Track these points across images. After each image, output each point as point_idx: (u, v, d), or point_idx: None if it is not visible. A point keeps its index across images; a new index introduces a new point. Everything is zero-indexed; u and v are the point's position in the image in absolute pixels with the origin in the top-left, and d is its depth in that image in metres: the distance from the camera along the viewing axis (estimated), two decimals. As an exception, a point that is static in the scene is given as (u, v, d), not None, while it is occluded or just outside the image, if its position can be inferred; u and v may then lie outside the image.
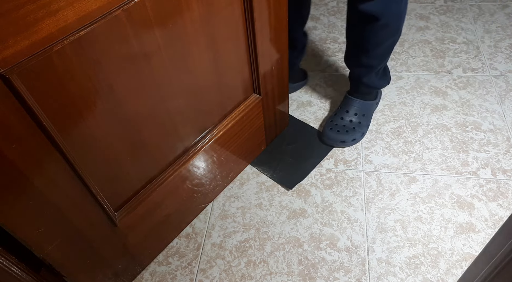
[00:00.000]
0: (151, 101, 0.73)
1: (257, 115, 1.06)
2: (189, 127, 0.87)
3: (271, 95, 1.06)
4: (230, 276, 0.96)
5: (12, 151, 0.55)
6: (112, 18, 0.57)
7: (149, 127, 0.76)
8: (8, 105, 0.52)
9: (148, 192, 0.85)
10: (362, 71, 1.11)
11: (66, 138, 0.61)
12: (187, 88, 0.79)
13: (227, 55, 0.84)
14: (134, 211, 0.84)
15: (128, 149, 0.75)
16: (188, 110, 0.83)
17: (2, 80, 0.50)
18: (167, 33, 0.67)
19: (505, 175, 1.07)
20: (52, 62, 0.54)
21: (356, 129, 1.16)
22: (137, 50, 0.64)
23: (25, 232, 0.63)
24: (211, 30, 0.76)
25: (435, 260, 0.94)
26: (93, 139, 0.67)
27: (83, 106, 0.62)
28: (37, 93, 0.54)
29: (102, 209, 0.76)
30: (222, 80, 0.87)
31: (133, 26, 0.61)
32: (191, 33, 0.72)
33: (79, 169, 0.66)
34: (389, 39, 1.01)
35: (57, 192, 0.64)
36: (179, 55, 0.72)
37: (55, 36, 0.53)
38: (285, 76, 1.07)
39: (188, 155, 0.91)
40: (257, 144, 1.15)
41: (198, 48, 0.76)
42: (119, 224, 0.82)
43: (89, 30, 0.56)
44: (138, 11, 0.61)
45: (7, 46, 0.49)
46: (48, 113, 0.57)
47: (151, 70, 0.69)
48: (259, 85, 0.99)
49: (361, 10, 0.92)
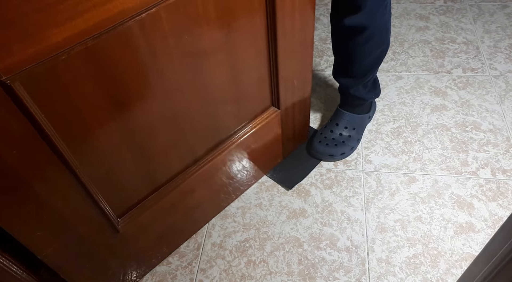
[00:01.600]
0: (161, 112, 0.71)
1: (275, 128, 1.02)
2: (201, 138, 0.85)
3: (291, 109, 1.02)
4: (230, 276, 0.96)
5: (12, 156, 0.54)
6: (123, 29, 0.56)
7: (159, 138, 0.74)
8: (9, 112, 0.51)
9: (154, 200, 0.84)
10: (350, 83, 1.08)
11: (69, 147, 0.61)
12: (201, 101, 0.77)
13: (246, 68, 0.81)
14: (138, 218, 0.82)
15: (135, 158, 0.73)
16: (200, 121, 0.81)
17: (4, 88, 0.49)
18: (183, 44, 0.65)
19: (505, 174, 1.07)
20: (58, 71, 0.53)
21: (346, 143, 1.13)
22: (149, 62, 0.62)
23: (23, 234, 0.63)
24: (230, 43, 0.73)
25: (435, 260, 0.94)
26: (98, 149, 0.65)
27: (89, 116, 0.61)
28: (41, 101, 0.53)
29: (104, 215, 0.75)
30: (239, 93, 0.84)
31: (146, 38, 0.59)
32: (208, 45, 0.69)
33: (81, 176, 0.65)
34: (376, 50, 1.00)
35: (57, 197, 0.64)
36: (194, 67, 0.70)
37: (61, 45, 0.51)
38: (307, 91, 1.02)
39: (198, 166, 0.89)
40: (273, 157, 1.11)
41: (216, 61, 0.73)
42: (122, 231, 0.81)
43: (98, 41, 0.54)
44: (152, 22, 0.58)
45: (11, 54, 0.48)
46: (52, 121, 0.56)
47: (162, 81, 0.67)
48: (279, 99, 0.95)
49: (346, 24, 0.91)
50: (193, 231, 1.03)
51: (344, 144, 1.13)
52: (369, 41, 0.96)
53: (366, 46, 0.97)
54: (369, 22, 0.91)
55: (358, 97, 1.12)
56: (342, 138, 1.14)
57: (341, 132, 1.14)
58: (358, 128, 1.16)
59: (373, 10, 0.89)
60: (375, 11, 0.90)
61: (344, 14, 0.91)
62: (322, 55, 1.48)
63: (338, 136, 1.14)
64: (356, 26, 0.92)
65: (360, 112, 1.17)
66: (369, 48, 0.98)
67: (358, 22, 0.91)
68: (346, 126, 1.15)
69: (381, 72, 1.38)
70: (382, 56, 1.04)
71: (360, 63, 1.02)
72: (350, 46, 0.99)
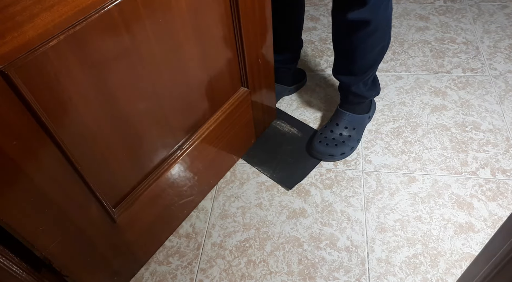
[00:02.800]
0: (144, 96, 0.74)
1: (246, 108, 1.07)
2: (181, 121, 0.88)
3: (259, 88, 1.08)
4: (230, 276, 0.96)
5: (12, 148, 0.55)
6: (104, 13, 0.58)
7: (143, 122, 0.77)
8: (7, 102, 0.52)
9: (145, 187, 0.86)
10: (350, 80, 1.08)
11: (64, 135, 0.62)
12: (178, 82, 0.81)
13: (215, 48, 0.86)
14: (132, 207, 0.85)
15: (124, 144, 0.76)
16: (180, 104, 0.85)
17: (2, 76, 0.50)
18: (158, 27, 0.69)
19: (505, 174, 1.07)
20: (48, 58, 0.54)
21: (346, 143, 1.13)
22: (129, 45, 0.65)
23: (27, 230, 0.63)
24: (199, 24, 0.78)
25: (434, 259, 0.94)
26: (90, 135, 0.67)
27: (80, 102, 0.62)
28: (35, 89, 0.54)
29: (102, 206, 0.76)
30: (211, 74, 0.89)
31: (125, 21, 0.62)
32: (180, 27, 0.73)
33: (77, 165, 0.66)
34: (378, 45, 1.00)
35: (57, 189, 0.65)
36: (169, 49, 0.74)
37: (50, 32, 0.53)
38: (271, 69, 1.09)
39: (181, 150, 0.92)
40: (247, 137, 1.16)
41: (188, 42, 0.77)
42: (118, 221, 0.82)
43: (83, 25, 0.56)
44: (129, 6, 0.62)
45: (5, 42, 0.49)
46: (46, 109, 0.57)
47: (143, 64, 0.70)
48: (247, 78, 1.00)
49: (350, 18, 0.91)
50: (185, 215, 1.06)
51: (344, 144, 1.13)
52: (372, 35, 0.95)
53: (369, 41, 0.97)
54: (373, 15, 0.90)
55: (358, 95, 1.12)
56: (342, 138, 1.14)
57: (341, 132, 1.14)
58: (358, 128, 1.16)
59: (377, 3, 0.89)
60: (379, 4, 0.89)
61: (349, 9, 0.90)
62: (322, 55, 1.48)
63: (338, 136, 1.14)
64: (360, 21, 0.91)
65: (360, 112, 1.17)
66: (372, 43, 0.98)
67: (363, 16, 0.90)
68: (346, 126, 1.15)
69: (381, 72, 1.38)
70: (383, 51, 1.04)
71: (361, 60, 1.02)
72: (352, 41, 0.98)
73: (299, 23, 1.20)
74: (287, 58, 1.24)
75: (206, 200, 1.10)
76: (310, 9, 1.69)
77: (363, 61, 1.03)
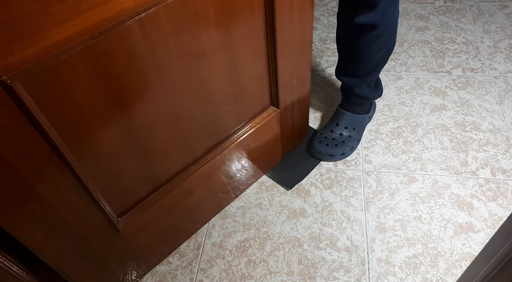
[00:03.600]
0: (161, 111, 0.71)
1: (274, 128, 1.02)
2: (200, 138, 0.85)
3: (290, 108, 1.02)
4: (230, 276, 0.96)
5: (12, 156, 0.54)
6: (123, 29, 0.56)
7: (159, 138, 0.74)
8: (9, 112, 0.51)
9: (155, 199, 0.84)
10: (354, 82, 1.08)
11: (70, 146, 0.61)
12: (200, 102, 0.77)
13: (245, 67, 0.81)
14: (138, 218, 0.82)
15: (135, 158, 0.73)
16: (200, 121, 0.81)
17: (4, 87, 0.49)
18: (182, 44, 0.65)
19: (505, 174, 1.07)
20: (58, 71, 0.53)
21: (346, 143, 1.13)
22: (149, 61, 0.62)
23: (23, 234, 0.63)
24: (229, 42, 0.73)
25: (434, 259, 0.94)
26: (98, 148, 0.66)
27: (90, 116, 0.61)
28: (42, 101, 0.53)
29: (104, 215, 0.75)
30: (238, 92, 0.84)
31: (146, 37, 0.59)
32: (207, 44, 0.70)
33: (81, 176, 0.65)
34: (383, 48, 1.00)
35: (57, 197, 0.64)
36: (193, 66, 0.70)
37: (62, 45, 0.51)
38: (306, 90, 1.02)
39: (197, 165, 0.89)
40: (272, 157, 1.12)
41: (215, 60, 0.73)
42: (122, 230, 0.81)
43: (98, 41, 0.54)
44: (151, 22, 0.59)
45: (11, 53, 0.48)
46: (53, 121, 0.56)
47: (162, 80, 0.67)
48: (278, 99, 0.95)
49: (358, 22, 0.90)
50: (193, 231, 1.03)
51: (344, 144, 1.13)
52: (378, 39, 0.95)
53: (374, 44, 0.97)
54: (380, 19, 0.90)
55: (361, 97, 1.12)
56: (342, 139, 1.14)
57: (341, 133, 1.14)
58: (358, 128, 1.16)
59: (386, 7, 0.88)
60: (387, 7, 0.89)
61: (357, 12, 0.89)
62: (322, 55, 1.48)
63: (338, 137, 1.14)
64: (368, 24, 0.91)
65: (360, 113, 1.17)
66: (377, 46, 0.98)
67: (370, 20, 0.90)
68: (346, 126, 1.15)
69: (381, 72, 1.38)
70: (388, 54, 1.04)
71: (366, 62, 1.02)
72: (358, 44, 0.98)
73: None
74: None
75: (206, 200, 1.10)
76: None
77: (367, 64, 1.03)
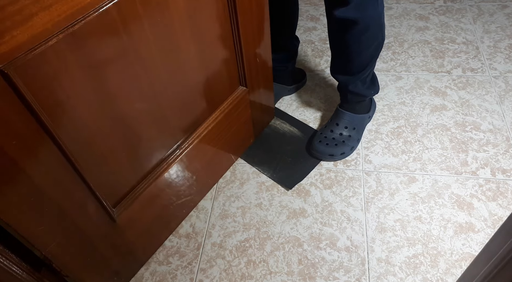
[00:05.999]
0: (142, 95, 0.74)
1: (245, 107, 1.07)
2: (180, 121, 0.89)
3: (257, 87, 1.08)
4: (230, 276, 0.96)
5: (12, 147, 0.55)
6: (103, 12, 0.58)
7: (142, 122, 0.77)
8: (7, 101, 0.52)
9: (144, 187, 0.86)
10: (348, 80, 1.08)
11: (63, 134, 0.62)
12: (176, 82, 0.81)
13: (213, 47, 0.86)
14: (131, 206, 0.85)
15: (123, 143, 0.76)
16: (178, 104, 0.85)
17: (2, 75, 0.50)
18: (156, 26, 0.69)
19: (505, 174, 1.07)
20: (48, 57, 0.54)
21: (346, 142, 1.13)
22: (128, 44, 0.65)
23: (27, 230, 0.63)
24: (197, 23, 0.78)
25: (434, 259, 0.94)
26: (89, 135, 0.67)
27: (78, 102, 0.62)
28: (34, 88, 0.54)
29: (101, 205, 0.77)
30: (209, 73, 0.89)
31: (123, 20, 0.62)
32: (178, 26, 0.74)
33: (77, 165, 0.66)
34: (372, 44, 1.00)
35: (57, 188, 0.65)
36: (167, 48, 0.74)
37: (50, 31, 0.53)
38: (269, 68, 1.09)
39: (180, 149, 0.92)
40: (246, 137, 1.17)
41: (186, 42, 0.77)
42: (118, 220, 0.82)
43: (82, 25, 0.56)
44: (127, 5, 0.62)
45: (4, 42, 0.49)
46: (45, 108, 0.57)
47: (141, 64, 0.70)
48: (245, 78, 1.00)
49: (337, 16, 0.91)
50: (185, 214, 1.06)
51: (344, 144, 1.13)
52: (364, 34, 0.96)
53: (361, 39, 0.97)
54: (360, 14, 0.91)
55: (357, 94, 1.12)
56: (342, 138, 1.14)
57: (341, 132, 1.14)
58: (358, 128, 1.16)
59: (364, 3, 0.89)
60: (366, 3, 0.89)
61: (334, 6, 0.91)
62: (322, 55, 1.48)
63: (338, 136, 1.14)
64: (347, 19, 0.92)
65: (360, 112, 1.17)
66: (364, 42, 0.98)
67: (348, 15, 0.90)
68: (346, 126, 1.15)
69: (381, 72, 1.38)
70: (378, 50, 1.04)
71: (356, 58, 1.03)
72: (345, 40, 0.99)
73: (293, 21, 1.20)
74: (282, 57, 1.24)
75: (206, 200, 1.10)
76: (310, 9, 1.69)
77: (358, 59, 1.03)
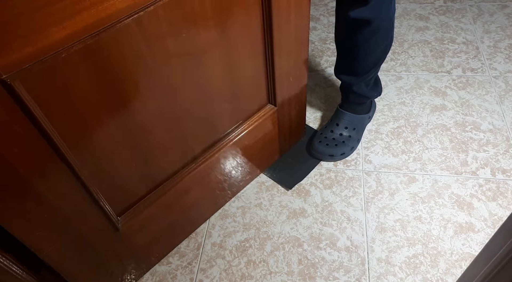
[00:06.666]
0: (160, 110, 0.71)
1: (271, 126, 1.02)
2: (198, 136, 0.85)
3: (287, 106, 1.02)
4: (230, 276, 0.96)
5: (12, 155, 0.54)
6: (121, 27, 0.56)
7: (157, 136, 0.75)
8: (8, 111, 0.51)
9: (154, 198, 0.84)
10: (352, 80, 1.08)
11: (69, 145, 0.61)
12: (198, 97, 0.77)
13: (242, 65, 0.81)
14: (138, 216, 0.83)
15: (134, 156, 0.74)
16: (198, 119, 0.81)
17: (4, 86, 0.49)
18: (180, 42, 0.65)
19: (505, 174, 1.07)
20: (57, 70, 0.53)
21: (346, 143, 1.13)
22: (148, 59, 0.63)
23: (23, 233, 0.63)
24: (227, 40, 0.74)
25: (434, 259, 0.94)
26: (98, 147, 0.66)
27: (90, 115, 0.61)
28: (41, 100, 0.53)
29: (104, 214, 0.75)
30: (235, 90, 0.85)
31: (144, 35, 0.60)
32: (205, 43, 0.70)
33: (81, 174, 0.65)
34: (380, 45, 0.99)
35: (57, 196, 0.64)
36: (191, 64, 0.71)
37: (60, 44, 0.51)
38: (302, 87, 1.03)
39: (196, 163, 0.89)
40: (270, 154, 1.12)
41: (213, 59, 0.74)
42: (122, 229, 0.81)
43: (97, 39, 0.54)
44: (150, 20, 0.59)
45: (10, 52, 0.48)
46: (52, 120, 0.56)
47: (160, 79, 0.67)
48: (275, 96, 0.96)
49: (352, 17, 0.90)
50: (192, 229, 1.04)
51: (344, 144, 1.13)
52: (375, 35, 0.95)
53: (371, 40, 0.96)
54: (375, 15, 0.90)
55: (360, 95, 1.12)
56: (342, 139, 1.14)
57: (341, 133, 1.14)
58: (358, 128, 1.16)
59: (379, 3, 0.88)
60: (381, 3, 0.89)
61: (350, 6, 0.89)
62: (322, 55, 1.48)
63: (338, 137, 1.14)
64: (362, 19, 0.91)
65: (360, 113, 1.17)
66: (374, 43, 0.98)
67: (364, 15, 0.90)
68: (346, 126, 1.15)
69: (381, 72, 1.38)
70: (386, 52, 1.03)
71: (364, 59, 1.02)
72: (354, 40, 0.98)
73: None
74: None
75: (206, 200, 1.10)
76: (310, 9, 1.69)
77: (365, 61, 1.02)
